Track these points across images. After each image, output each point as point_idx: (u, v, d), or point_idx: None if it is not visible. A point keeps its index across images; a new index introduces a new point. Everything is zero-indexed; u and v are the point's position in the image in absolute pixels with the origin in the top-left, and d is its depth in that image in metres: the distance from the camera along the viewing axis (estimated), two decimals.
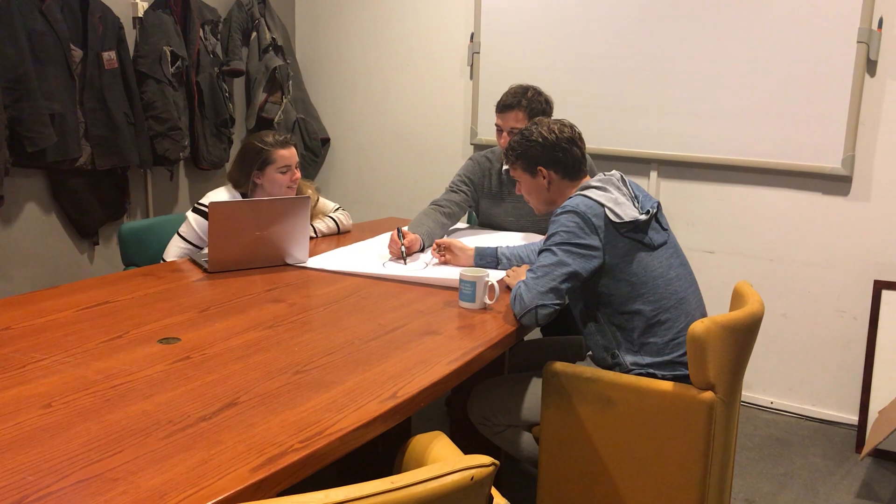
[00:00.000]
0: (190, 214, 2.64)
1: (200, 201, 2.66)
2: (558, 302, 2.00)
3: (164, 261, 2.61)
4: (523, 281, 2.04)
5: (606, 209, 2.01)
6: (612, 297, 2.03)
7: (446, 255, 2.54)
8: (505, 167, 2.96)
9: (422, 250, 2.71)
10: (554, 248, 2.02)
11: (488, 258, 2.50)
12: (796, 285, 3.39)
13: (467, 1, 3.95)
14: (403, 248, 2.57)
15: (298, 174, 2.77)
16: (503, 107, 2.85)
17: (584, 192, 2.08)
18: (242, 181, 2.72)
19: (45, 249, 3.35)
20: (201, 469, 1.19)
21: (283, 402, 1.46)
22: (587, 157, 2.26)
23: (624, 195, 2.08)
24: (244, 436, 1.31)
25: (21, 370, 1.57)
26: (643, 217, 2.03)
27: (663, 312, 2.02)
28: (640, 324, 2.02)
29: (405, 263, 2.56)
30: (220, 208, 2.34)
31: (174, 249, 2.62)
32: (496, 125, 2.89)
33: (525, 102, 2.81)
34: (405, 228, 2.67)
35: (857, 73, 3.08)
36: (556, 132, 2.18)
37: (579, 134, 2.23)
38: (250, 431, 1.33)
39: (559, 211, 2.06)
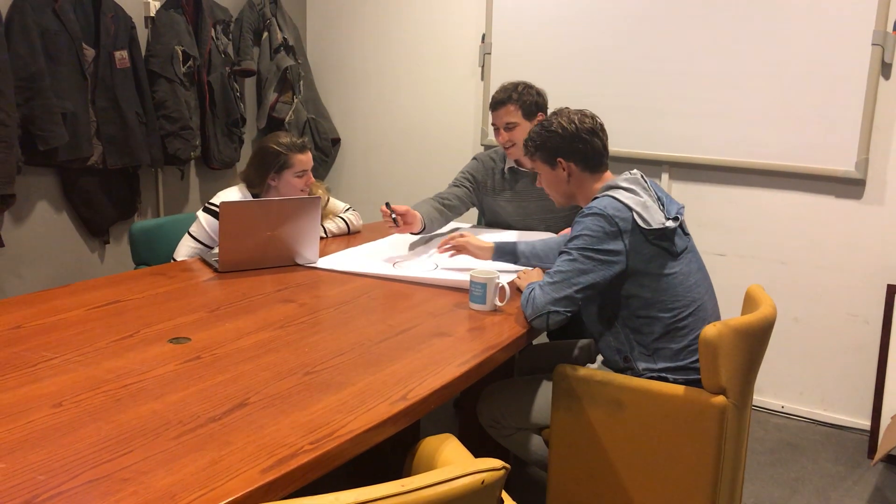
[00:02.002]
0: (200, 214, 2.64)
1: (211, 201, 2.66)
2: (571, 310, 1.99)
3: (174, 260, 2.61)
4: (539, 283, 2.02)
5: (634, 213, 1.96)
6: (631, 301, 2.00)
7: (462, 252, 2.49)
8: (508, 165, 2.98)
9: (422, 230, 2.75)
10: (574, 253, 1.97)
11: (507, 256, 2.46)
12: (808, 289, 3.36)
13: (479, 2, 3.95)
14: (395, 216, 2.61)
15: (312, 178, 2.77)
16: (495, 103, 2.89)
17: (613, 194, 2.02)
18: (257, 182, 2.72)
19: (56, 248, 3.36)
20: (211, 470, 1.19)
21: (294, 403, 1.45)
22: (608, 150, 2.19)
23: (651, 197, 2.03)
24: (254, 437, 1.31)
25: (32, 369, 1.57)
26: (672, 224, 1.98)
27: (681, 320, 1.98)
28: (657, 329, 1.99)
29: (397, 225, 2.61)
30: (231, 208, 2.34)
31: (185, 249, 2.62)
32: (492, 124, 2.93)
33: (516, 96, 2.85)
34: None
35: (871, 76, 3.06)
36: (577, 122, 2.12)
37: (601, 125, 2.16)
38: (260, 432, 1.33)
39: (585, 212, 2.01)
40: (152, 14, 3.57)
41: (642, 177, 2.09)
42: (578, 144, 2.11)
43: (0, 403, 1.40)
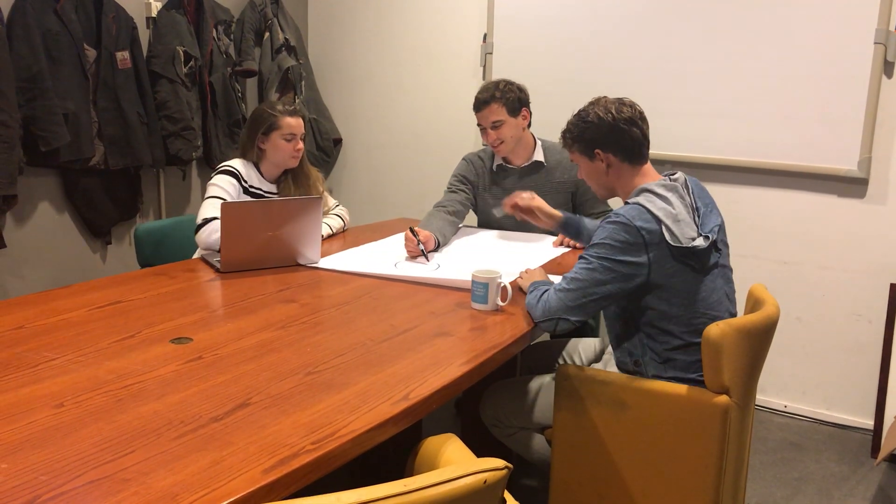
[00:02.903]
0: (217, 177, 2.67)
1: (222, 165, 2.72)
2: (581, 320, 1.95)
3: (205, 220, 2.56)
4: (555, 287, 1.98)
5: (664, 227, 1.86)
6: (649, 311, 1.94)
7: (527, 215, 2.49)
8: (497, 163, 2.98)
9: (437, 248, 2.71)
10: (594, 262, 1.91)
11: (571, 230, 2.47)
12: (811, 288, 3.36)
13: (480, 2, 3.95)
14: (422, 246, 2.57)
15: (302, 145, 2.78)
16: (479, 104, 2.90)
17: (644, 202, 1.91)
18: (249, 147, 2.77)
19: (57, 248, 3.36)
20: (213, 470, 1.19)
21: (295, 403, 1.45)
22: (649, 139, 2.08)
23: (686, 206, 1.92)
24: (256, 437, 1.31)
25: (34, 369, 1.57)
26: (701, 243, 1.89)
27: (697, 335, 1.92)
28: (673, 341, 1.95)
29: (428, 260, 2.56)
30: (232, 208, 2.34)
31: (211, 209, 2.59)
32: (478, 125, 2.93)
33: (498, 94, 2.85)
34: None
35: (873, 75, 3.05)
36: (614, 112, 2.01)
37: (641, 113, 2.04)
38: (262, 432, 1.32)
39: (612, 218, 1.92)
40: (154, 14, 3.57)
41: (685, 183, 1.98)
42: (616, 135, 2.01)
43: (1, 404, 1.40)
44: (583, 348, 2.53)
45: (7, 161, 2.86)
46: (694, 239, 1.88)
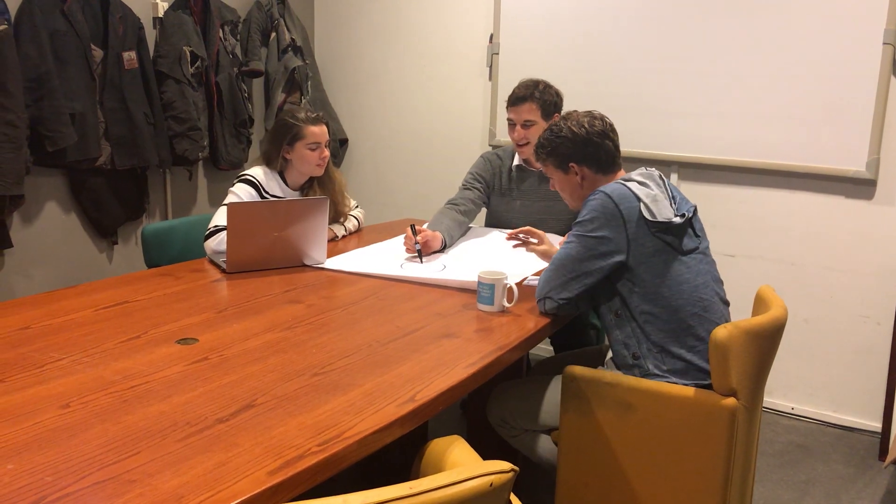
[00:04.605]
0: (236, 187, 2.66)
1: (242, 173, 2.71)
2: (564, 297, 2.03)
3: (216, 227, 2.54)
4: (545, 268, 2.09)
5: (642, 204, 1.96)
6: (635, 295, 1.98)
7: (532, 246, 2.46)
8: (516, 163, 2.97)
9: (443, 249, 2.70)
10: (574, 239, 2.01)
11: None
12: (818, 290, 3.34)
13: (487, 2, 3.94)
14: (418, 245, 2.56)
15: (327, 153, 2.77)
16: (516, 99, 2.87)
17: (625, 182, 2.02)
18: (273, 156, 2.75)
19: (64, 249, 3.36)
20: (218, 472, 1.19)
21: (301, 405, 1.45)
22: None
23: (663, 193, 2.03)
24: (261, 438, 1.30)
25: (40, 370, 1.57)
26: (677, 220, 1.97)
27: (687, 319, 1.96)
28: (664, 327, 1.97)
29: (421, 261, 2.55)
30: (239, 209, 2.34)
31: (222, 217, 2.55)
32: (508, 119, 2.91)
33: (537, 94, 2.84)
34: (424, 227, 2.66)
35: (882, 75, 3.04)
36: (587, 126, 2.11)
37: (611, 125, 2.16)
38: (268, 434, 1.32)
39: (592, 195, 2.02)
40: (160, 15, 3.57)
41: (660, 176, 2.09)
42: (590, 148, 2.12)
43: (8, 404, 1.40)
44: (589, 356, 2.50)
45: (14, 161, 2.86)
46: (671, 218, 1.96)
